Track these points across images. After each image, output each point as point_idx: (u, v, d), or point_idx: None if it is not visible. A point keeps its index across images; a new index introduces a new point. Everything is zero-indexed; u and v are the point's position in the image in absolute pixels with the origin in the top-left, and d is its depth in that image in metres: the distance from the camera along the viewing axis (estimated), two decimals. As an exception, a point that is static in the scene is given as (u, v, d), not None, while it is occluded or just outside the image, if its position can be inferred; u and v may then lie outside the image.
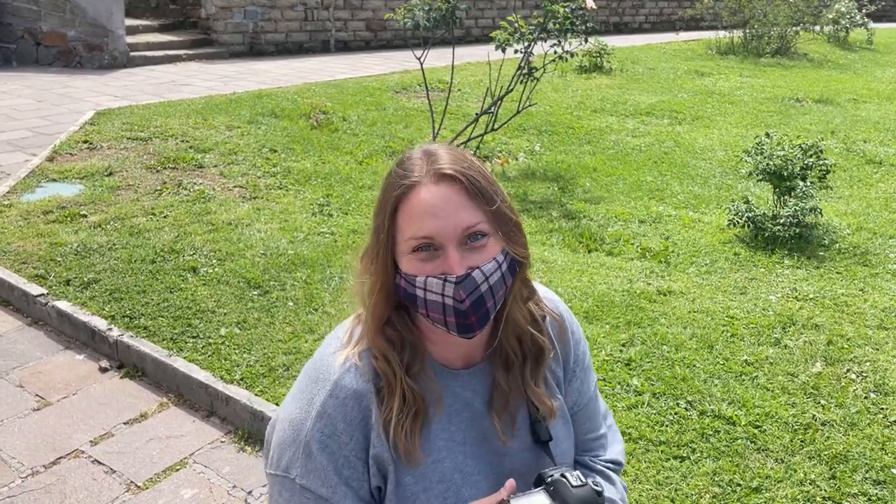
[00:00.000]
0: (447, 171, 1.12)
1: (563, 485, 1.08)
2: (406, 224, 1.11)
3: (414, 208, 1.11)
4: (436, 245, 1.10)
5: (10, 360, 3.20)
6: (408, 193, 1.12)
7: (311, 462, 1.14)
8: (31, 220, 4.39)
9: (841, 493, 2.43)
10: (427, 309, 1.12)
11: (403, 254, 1.12)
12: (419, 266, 1.11)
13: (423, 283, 1.10)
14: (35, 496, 2.44)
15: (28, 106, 7.64)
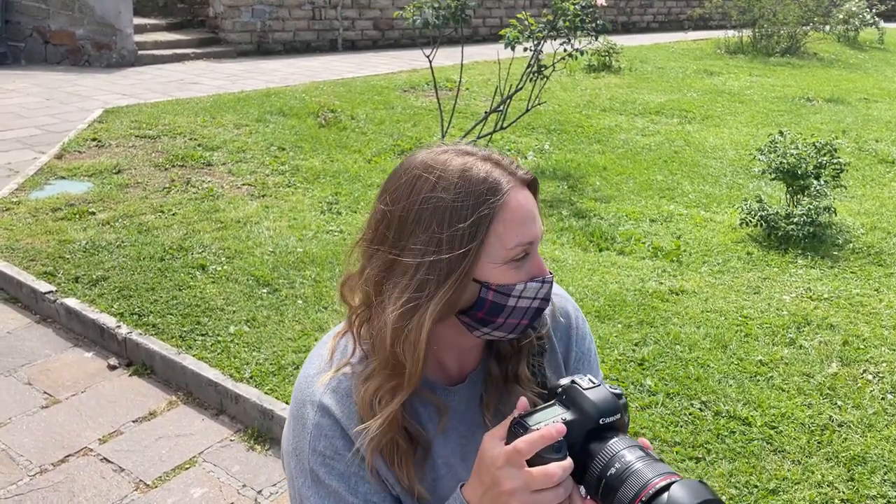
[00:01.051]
0: (530, 178, 1.11)
1: (575, 390, 0.99)
2: (508, 232, 1.04)
3: (517, 214, 1.05)
4: (529, 250, 1.07)
5: (18, 358, 3.18)
6: (506, 201, 1.05)
7: (321, 488, 1.08)
8: (39, 218, 4.38)
9: (859, 496, 2.39)
10: (508, 317, 1.06)
11: (497, 265, 1.04)
12: (515, 275, 1.05)
13: (520, 291, 1.05)
14: (43, 494, 2.42)
15: (37, 104, 7.64)
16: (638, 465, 0.91)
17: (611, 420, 0.96)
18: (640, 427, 2.68)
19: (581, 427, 0.96)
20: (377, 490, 1.09)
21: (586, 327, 1.31)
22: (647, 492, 0.88)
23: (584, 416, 0.96)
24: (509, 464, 0.94)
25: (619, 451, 0.93)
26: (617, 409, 0.98)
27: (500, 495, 0.95)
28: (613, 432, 0.96)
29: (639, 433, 2.65)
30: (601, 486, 0.93)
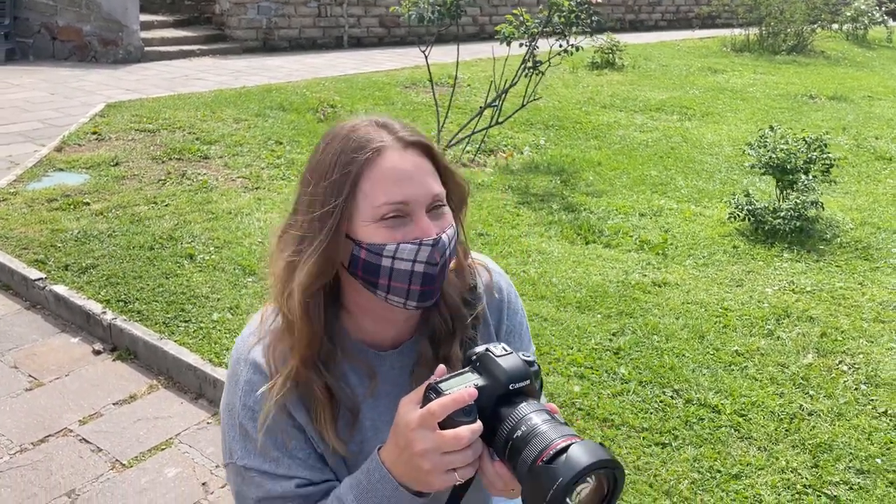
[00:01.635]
0: (413, 139, 1.10)
1: (488, 357, 1.03)
2: (375, 190, 1.07)
3: (386, 174, 1.07)
4: (406, 212, 1.08)
5: (6, 342, 3.25)
6: (375, 159, 1.07)
7: (248, 442, 1.12)
8: (34, 208, 4.45)
9: (822, 482, 2.41)
10: (390, 279, 1.08)
11: (367, 223, 1.08)
12: (389, 234, 1.07)
13: (392, 251, 1.06)
14: (22, 472, 2.48)
15: (41, 98, 7.74)
16: (543, 427, 0.95)
17: (520, 385, 1.00)
18: (610, 413, 2.71)
19: (492, 392, 0.99)
20: (302, 447, 1.13)
21: (518, 303, 1.35)
22: (549, 452, 0.91)
23: (495, 381, 1.00)
24: (422, 426, 0.97)
25: (527, 414, 0.97)
26: (527, 376, 1.01)
27: (412, 457, 0.98)
28: (523, 397, 1.00)
29: (608, 419, 2.69)
30: (508, 447, 0.97)
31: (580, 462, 0.90)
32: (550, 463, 0.91)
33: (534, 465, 0.92)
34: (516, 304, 1.32)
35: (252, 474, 1.12)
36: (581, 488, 0.91)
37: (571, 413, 2.71)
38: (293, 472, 1.11)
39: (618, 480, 0.94)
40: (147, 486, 2.44)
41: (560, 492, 0.89)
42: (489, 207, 4.80)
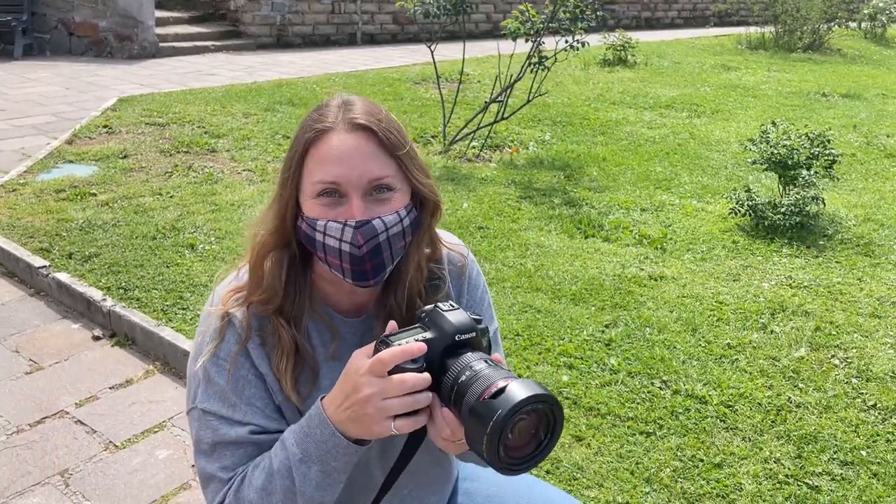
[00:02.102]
0: (361, 122, 1.14)
1: (436, 312, 1.08)
2: (314, 168, 1.14)
3: (324, 153, 1.13)
4: (341, 192, 1.13)
5: (9, 328, 3.32)
6: (320, 138, 1.14)
7: (210, 386, 1.18)
8: (42, 198, 4.54)
9: (804, 472, 2.41)
10: (325, 253, 1.15)
11: (308, 197, 1.15)
12: (322, 210, 1.14)
13: (322, 227, 1.13)
14: (17, 451, 2.54)
15: (56, 93, 7.86)
16: (485, 371, 1.00)
17: (465, 337, 1.05)
18: (596, 402, 2.73)
19: (439, 343, 1.04)
20: (261, 395, 1.19)
21: (480, 279, 1.39)
22: (490, 390, 0.96)
23: (442, 333, 1.05)
24: (371, 372, 1.02)
25: (470, 362, 1.02)
26: (472, 328, 1.06)
27: (357, 402, 1.03)
28: (469, 348, 1.05)
29: (594, 408, 2.71)
30: (453, 393, 1.01)
31: (517, 396, 0.94)
32: (492, 399, 0.95)
33: (476, 403, 0.96)
34: (477, 280, 1.37)
35: (210, 418, 1.17)
36: (519, 419, 0.95)
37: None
38: (248, 418, 1.17)
39: (556, 416, 0.97)
40: (138, 467, 2.49)
41: (498, 424, 0.93)
42: (490, 202, 4.82)
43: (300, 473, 1.09)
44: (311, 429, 1.09)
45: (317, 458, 1.08)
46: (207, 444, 1.19)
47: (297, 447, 1.10)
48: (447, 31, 6.70)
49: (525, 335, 3.19)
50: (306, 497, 1.10)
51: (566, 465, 2.41)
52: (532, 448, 0.99)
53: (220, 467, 1.18)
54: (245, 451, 1.17)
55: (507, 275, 3.76)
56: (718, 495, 2.30)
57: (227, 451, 1.17)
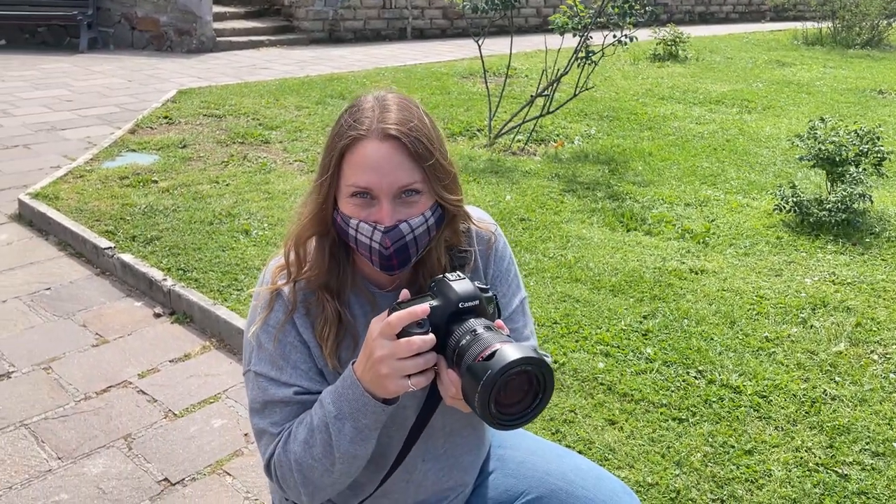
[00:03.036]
0: (392, 132, 1.23)
1: (443, 282, 1.18)
2: (349, 171, 1.25)
3: (358, 160, 1.24)
4: (372, 195, 1.24)
5: (77, 304, 3.55)
6: (355, 145, 1.24)
7: (261, 351, 1.32)
8: (107, 184, 4.79)
9: (835, 461, 2.45)
10: (357, 245, 1.28)
11: (343, 195, 1.27)
12: (355, 210, 1.26)
13: (355, 225, 1.26)
14: (85, 417, 2.74)
15: (119, 85, 8.20)
16: (485, 335, 1.11)
17: (469, 305, 1.16)
18: (631, 389, 2.81)
19: (444, 310, 1.15)
20: (305, 360, 1.32)
21: (506, 251, 1.49)
22: (486, 352, 1.06)
23: (447, 300, 1.16)
24: (382, 335, 1.14)
25: (472, 327, 1.13)
26: (476, 297, 1.17)
27: (373, 364, 1.15)
28: (472, 315, 1.16)
29: (628, 394, 2.78)
30: (454, 355, 1.12)
31: (508, 357, 1.04)
32: (486, 361, 1.05)
33: (472, 363, 1.07)
34: (503, 252, 1.48)
35: (260, 380, 1.32)
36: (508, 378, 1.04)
37: (592, 387, 2.82)
38: (293, 380, 1.30)
39: (546, 379, 1.07)
40: (195, 434, 2.66)
41: (489, 382, 1.03)
42: (533, 194, 4.90)
43: (335, 429, 1.22)
44: (344, 389, 1.21)
45: (349, 415, 1.21)
46: (259, 403, 1.33)
47: (333, 405, 1.22)
48: (496, 26, 6.78)
49: (563, 323, 3.27)
50: (341, 450, 1.23)
51: (598, 446, 2.50)
52: (524, 406, 1.09)
53: (270, 423, 1.31)
54: (291, 409, 1.31)
55: (547, 265, 3.85)
56: (748, 480, 2.36)
57: (276, 409, 1.31)
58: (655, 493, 2.30)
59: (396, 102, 1.29)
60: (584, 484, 1.52)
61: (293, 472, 1.27)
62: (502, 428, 1.09)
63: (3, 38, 10.87)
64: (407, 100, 1.32)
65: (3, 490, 2.36)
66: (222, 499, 2.36)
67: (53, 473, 2.44)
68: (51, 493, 2.36)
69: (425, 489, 1.46)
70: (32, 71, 8.93)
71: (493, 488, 1.57)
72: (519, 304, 1.46)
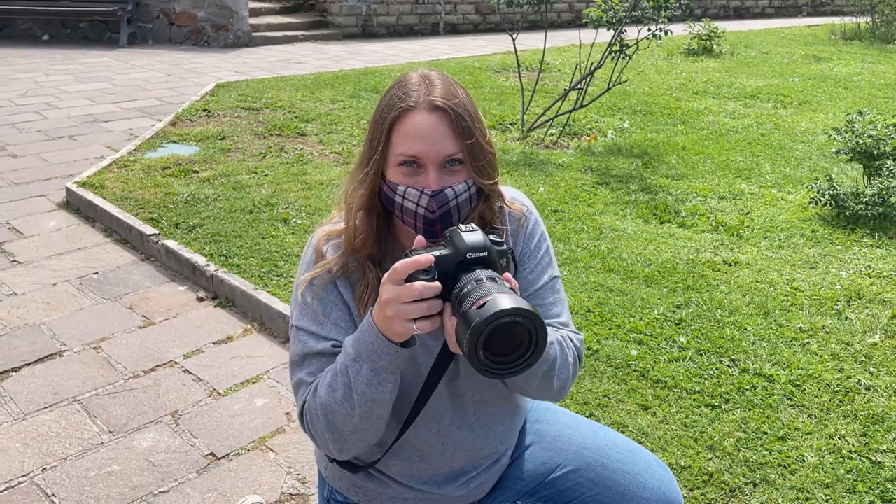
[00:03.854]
0: (439, 104, 1.31)
1: (455, 232, 1.21)
2: (399, 141, 1.32)
3: (408, 129, 1.31)
4: (420, 164, 1.32)
5: (124, 288, 3.67)
6: (404, 116, 1.32)
7: (305, 308, 1.40)
8: (150, 174, 4.93)
9: (869, 449, 2.47)
10: (402, 213, 1.34)
11: (391, 165, 1.34)
12: (403, 178, 1.33)
13: (402, 192, 1.32)
14: (134, 394, 2.85)
15: (159, 79, 8.38)
16: (487, 284, 1.14)
17: (477, 255, 1.19)
18: (664, 376, 2.84)
19: (453, 259, 1.19)
20: (344, 318, 1.40)
21: (537, 229, 1.54)
22: (483, 300, 1.09)
23: (456, 250, 1.20)
24: (389, 280, 1.20)
25: (478, 277, 1.16)
26: (485, 248, 1.20)
27: (381, 306, 1.21)
28: (479, 265, 1.19)
29: (661, 381, 2.82)
30: (456, 301, 1.16)
31: (499, 306, 1.07)
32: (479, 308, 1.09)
33: (466, 309, 1.10)
34: (534, 230, 1.52)
35: (301, 334, 1.40)
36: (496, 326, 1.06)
37: (626, 373, 2.86)
38: (332, 335, 1.38)
39: (539, 333, 1.10)
40: (238, 413, 2.76)
41: (477, 328, 1.06)
42: (567, 186, 4.93)
43: (353, 371, 1.28)
44: (362, 333, 1.27)
45: (367, 357, 1.26)
46: (298, 356, 1.40)
47: (353, 349, 1.28)
48: (529, 21, 6.82)
49: (596, 312, 3.31)
50: (359, 392, 1.28)
51: (632, 429, 2.54)
52: (515, 358, 1.11)
53: (306, 373, 1.39)
54: (327, 360, 1.37)
55: (580, 256, 3.89)
56: (780, 465, 2.39)
57: (314, 360, 1.38)
58: (688, 475, 2.34)
59: (441, 79, 1.38)
60: (619, 457, 1.57)
61: (319, 417, 1.33)
62: (489, 376, 1.11)
63: (46, 34, 11.16)
64: (449, 78, 1.41)
65: (59, 461, 2.47)
66: (265, 472, 2.45)
67: (105, 446, 2.55)
68: (103, 464, 2.46)
69: (461, 455, 1.52)
70: (75, 65, 9.16)
71: (530, 461, 1.63)
72: (549, 281, 1.50)
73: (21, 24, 11.10)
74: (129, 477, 2.41)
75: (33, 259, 3.94)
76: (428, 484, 1.53)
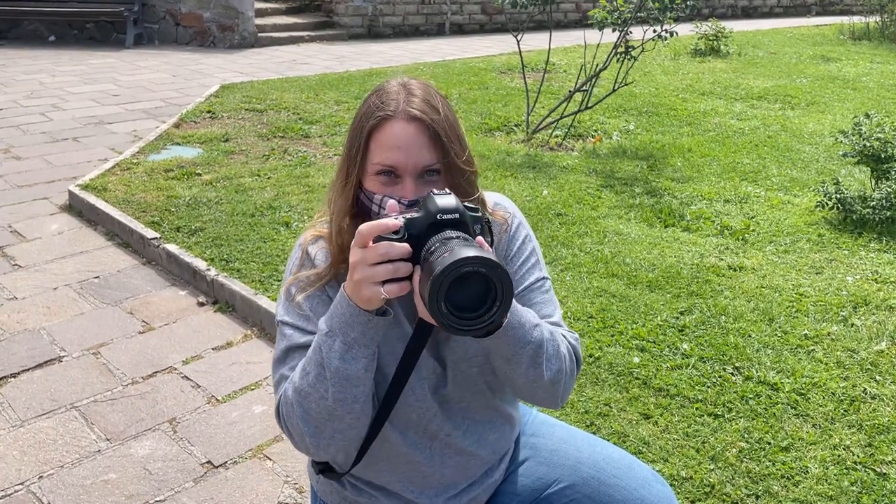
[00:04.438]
0: (417, 115, 1.31)
1: (429, 196, 1.20)
2: (376, 150, 1.31)
3: (385, 139, 1.30)
4: (397, 173, 1.31)
5: (124, 292, 3.66)
6: (382, 125, 1.31)
7: (290, 303, 1.38)
8: (153, 177, 4.92)
9: (874, 460, 2.43)
10: None
11: (368, 174, 1.33)
12: (380, 187, 1.32)
13: (379, 200, 1.32)
14: (132, 400, 2.84)
15: (164, 80, 8.39)
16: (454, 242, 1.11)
17: (448, 217, 1.16)
18: (666, 384, 2.81)
19: (425, 220, 1.17)
20: None
21: (520, 232, 1.51)
22: (448, 252, 1.07)
23: (427, 212, 1.18)
24: (355, 244, 1.18)
25: (447, 236, 1.14)
26: (456, 210, 1.17)
27: (350, 272, 1.19)
28: (450, 227, 1.16)
29: (663, 389, 2.78)
30: (423, 261, 1.13)
31: (460, 255, 1.04)
32: (442, 260, 1.05)
33: (434, 262, 1.07)
34: (517, 232, 1.50)
35: (286, 328, 1.38)
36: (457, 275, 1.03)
37: (627, 381, 2.83)
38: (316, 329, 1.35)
39: (503, 285, 1.05)
40: (237, 420, 2.74)
41: (437, 277, 1.03)
42: (570, 189, 4.90)
43: (326, 347, 1.24)
44: (335, 307, 1.25)
45: (339, 330, 1.23)
46: (281, 351, 1.38)
47: (325, 323, 1.26)
48: (535, 21, 6.78)
49: (598, 318, 3.28)
50: (332, 369, 1.24)
51: (633, 439, 2.51)
52: (480, 313, 1.07)
53: (288, 368, 1.36)
54: None
55: (583, 260, 3.85)
56: (783, 476, 2.35)
57: (296, 354, 1.35)
58: (690, 486, 2.31)
59: (420, 87, 1.37)
60: (616, 472, 1.54)
61: (294, 406, 1.28)
62: (453, 332, 1.07)
63: (53, 35, 11.19)
64: (428, 86, 1.39)
65: (55, 469, 2.46)
66: (263, 482, 2.43)
67: (102, 454, 2.53)
68: (100, 472, 2.45)
69: (451, 462, 1.48)
70: (81, 66, 9.18)
71: (525, 476, 1.60)
72: (536, 282, 1.46)
73: (28, 24, 11.13)
74: (125, 486, 2.39)
75: (34, 263, 3.94)
76: (419, 497, 1.50)
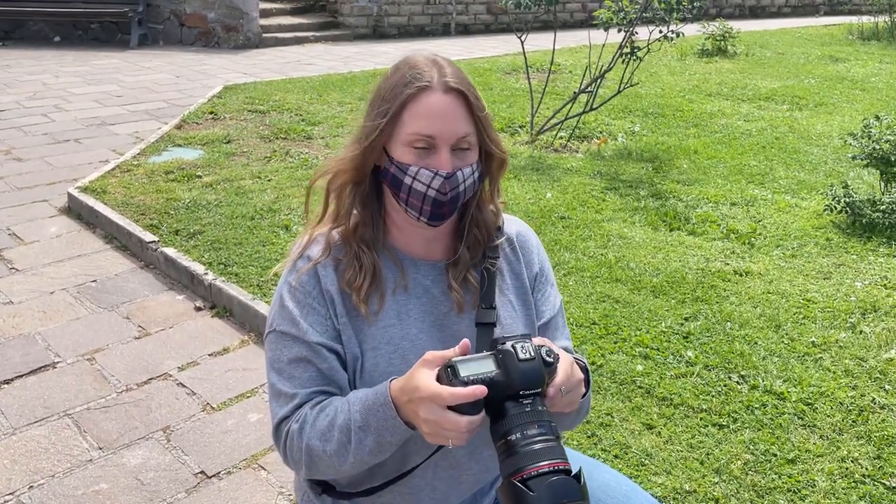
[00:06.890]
0: (454, 85, 1.28)
1: (511, 356, 1.09)
2: (412, 120, 1.27)
3: (423, 109, 1.27)
4: (433, 144, 1.27)
5: (121, 296, 3.62)
6: (420, 95, 1.27)
7: (283, 311, 1.34)
8: (153, 179, 4.88)
9: (883, 473, 2.36)
10: (409, 195, 1.29)
11: (401, 144, 1.28)
12: (414, 158, 1.28)
13: (414, 172, 1.27)
14: (126, 408, 2.79)
15: (167, 80, 8.36)
16: (535, 440, 1.04)
17: (531, 392, 1.09)
18: (670, 393, 2.75)
19: (503, 390, 1.08)
20: (322, 322, 1.33)
21: (542, 254, 1.51)
22: (529, 472, 1.00)
23: (510, 382, 1.08)
24: (431, 401, 1.10)
25: (526, 421, 1.06)
26: (539, 383, 1.09)
27: (415, 415, 1.13)
28: (530, 399, 1.09)
29: (667, 398, 2.72)
30: (500, 444, 1.07)
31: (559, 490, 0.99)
32: (524, 484, 1.00)
33: (511, 476, 1.01)
34: (541, 251, 1.51)
35: (280, 337, 1.34)
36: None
37: (630, 390, 2.77)
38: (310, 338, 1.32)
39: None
40: (232, 428, 2.69)
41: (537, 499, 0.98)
42: (575, 192, 4.84)
43: (357, 438, 1.22)
44: (376, 405, 1.19)
45: (375, 430, 1.20)
46: (277, 361, 1.34)
47: (360, 416, 1.21)
48: (540, 21, 6.72)
49: (602, 324, 3.22)
50: (357, 457, 1.23)
51: (635, 451, 2.45)
52: None
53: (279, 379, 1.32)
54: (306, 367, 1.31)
55: (586, 265, 3.79)
56: (789, 490, 2.29)
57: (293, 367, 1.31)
58: (693, 500, 2.25)
59: (447, 61, 1.35)
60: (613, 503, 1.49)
61: (302, 454, 1.28)
62: None
63: (58, 35, 11.18)
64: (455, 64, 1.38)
65: (46, 478, 2.42)
66: (256, 493, 2.38)
67: (94, 463, 2.49)
68: (91, 482, 2.41)
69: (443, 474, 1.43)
70: (85, 67, 9.16)
71: None
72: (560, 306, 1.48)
73: (33, 25, 11.13)
74: (116, 496, 2.35)
75: (32, 266, 3.90)
76: None
